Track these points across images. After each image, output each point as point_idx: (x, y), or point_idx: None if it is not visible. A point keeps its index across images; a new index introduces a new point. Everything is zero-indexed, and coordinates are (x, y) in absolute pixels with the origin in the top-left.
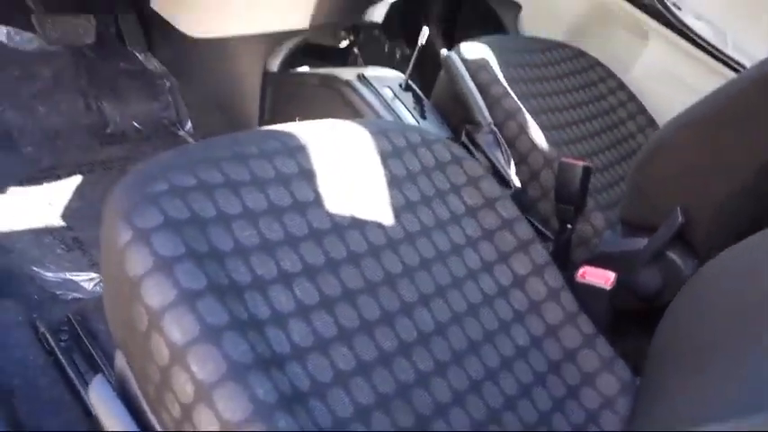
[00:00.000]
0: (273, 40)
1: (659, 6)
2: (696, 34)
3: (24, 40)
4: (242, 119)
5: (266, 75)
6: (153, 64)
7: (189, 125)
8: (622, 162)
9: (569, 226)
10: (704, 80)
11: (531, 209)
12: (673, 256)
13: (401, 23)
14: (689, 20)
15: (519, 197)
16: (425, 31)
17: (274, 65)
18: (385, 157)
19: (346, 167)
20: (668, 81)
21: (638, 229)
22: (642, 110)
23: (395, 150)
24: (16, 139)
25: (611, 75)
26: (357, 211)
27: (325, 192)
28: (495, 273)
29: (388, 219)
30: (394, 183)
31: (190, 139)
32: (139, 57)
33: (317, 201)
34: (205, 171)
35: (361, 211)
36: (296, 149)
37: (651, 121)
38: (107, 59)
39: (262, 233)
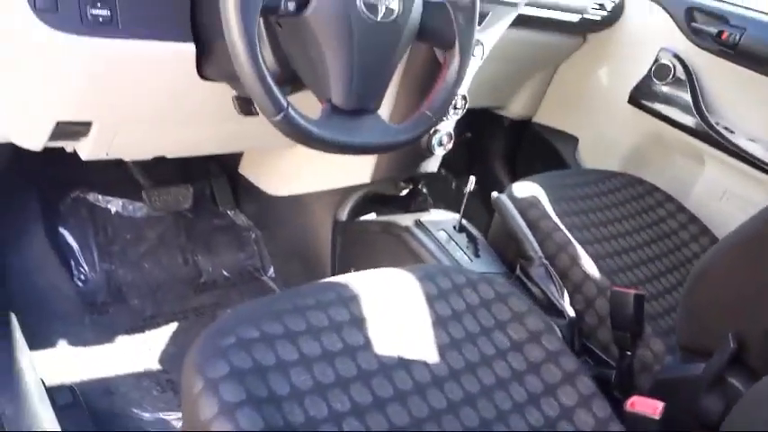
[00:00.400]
0: (342, 193)
1: (712, 132)
2: (750, 155)
3: (135, 209)
4: (317, 264)
5: (336, 224)
6: (240, 219)
7: (271, 271)
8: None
9: (629, 353)
10: (765, 197)
11: (591, 336)
12: (733, 380)
13: (467, 161)
14: (742, 142)
15: (578, 326)
16: (472, 180)
17: (343, 214)
18: (431, 300)
19: (394, 312)
20: (729, 200)
21: (695, 353)
22: (705, 230)
23: (440, 293)
24: (125, 293)
25: (670, 198)
26: (404, 352)
27: (374, 336)
28: (543, 406)
29: (433, 357)
30: (440, 323)
31: (272, 284)
32: (229, 213)
33: (367, 344)
34: (268, 324)
35: (407, 351)
36: (349, 299)
37: (715, 242)
38: (202, 218)
39: (315, 377)
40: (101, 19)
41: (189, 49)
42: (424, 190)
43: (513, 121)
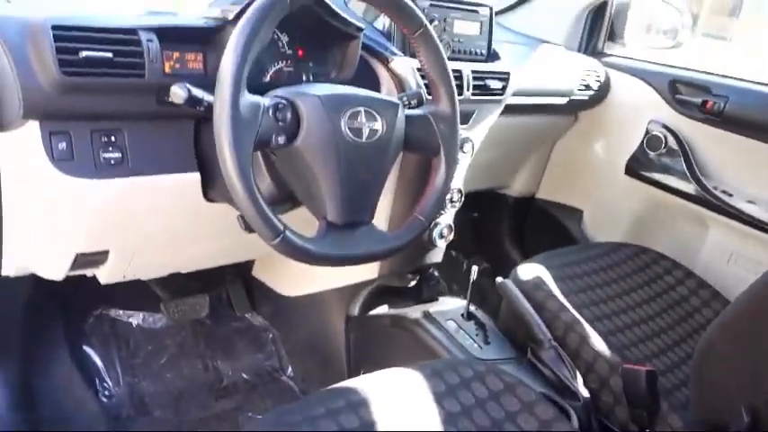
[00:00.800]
0: (352, 289)
1: (711, 198)
2: (752, 217)
3: (155, 321)
4: (333, 361)
5: (349, 320)
6: (258, 320)
7: (290, 370)
8: None
9: (647, 431)
10: None
11: (610, 415)
12: None
13: (475, 241)
14: (742, 204)
15: (594, 406)
16: (475, 270)
17: (355, 309)
18: (440, 398)
19: (404, 415)
20: (737, 263)
21: (711, 428)
22: (716, 294)
23: (449, 389)
24: (148, 404)
25: (678, 265)
26: None
27: None
28: None
29: None
30: (450, 421)
31: (291, 383)
32: (247, 316)
33: None
34: None
35: None
36: (358, 405)
37: (727, 304)
38: (220, 324)
39: None
40: (112, 161)
41: (194, 177)
42: (436, 273)
43: (516, 199)
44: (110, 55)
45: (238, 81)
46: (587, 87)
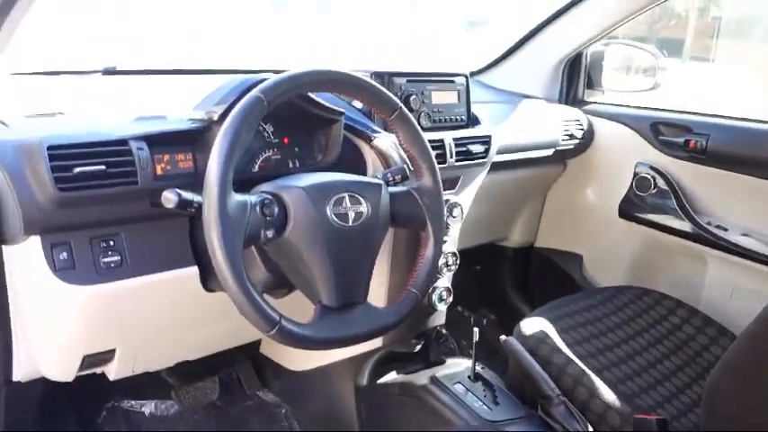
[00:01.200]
0: (359, 359)
1: (706, 234)
2: (748, 249)
3: (167, 408)
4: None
5: (358, 390)
6: (269, 397)
7: None
8: None
9: None
10: None
11: None
12: None
13: (480, 293)
14: (737, 238)
15: None
16: (476, 332)
17: (363, 379)
18: None
19: None
20: (740, 297)
21: None
22: (722, 330)
23: None
24: None
25: (681, 304)
26: None
27: None
28: None
29: None
30: None
31: None
32: (258, 394)
33: None
34: None
35: None
36: None
37: (734, 339)
38: (232, 404)
39: None
40: (112, 264)
41: (192, 271)
42: (444, 331)
43: (516, 250)
44: (103, 167)
45: (224, 184)
46: (571, 137)
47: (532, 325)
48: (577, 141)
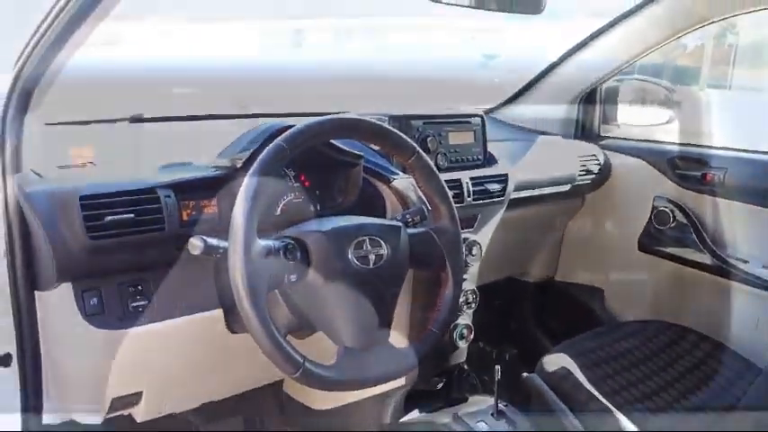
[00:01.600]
0: (381, 398)
1: (727, 267)
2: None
3: None
4: None
5: (381, 429)
6: None
7: None
8: None
9: None
10: None
11: None
12: None
13: (501, 328)
14: (759, 270)
15: None
16: (498, 369)
17: (386, 417)
18: None
19: None
20: (764, 327)
21: None
22: (749, 365)
23: None
24: None
25: (704, 338)
26: None
27: None
28: None
29: None
30: None
31: None
32: None
33: None
34: None
35: None
36: None
37: (759, 373)
38: None
39: None
40: (140, 309)
41: (218, 314)
42: (465, 366)
43: (536, 284)
44: (132, 215)
45: (249, 230)
46: (588, 172)
47: (555, 361)
48: (594, 176)
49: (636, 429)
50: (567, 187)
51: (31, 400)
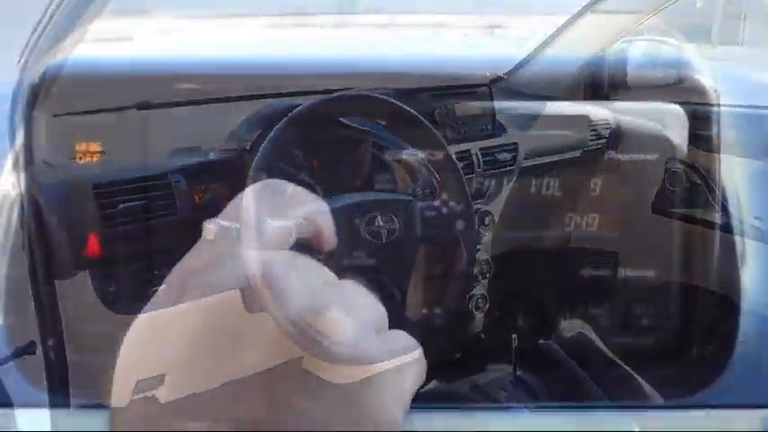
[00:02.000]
0: (401, 368)
1: (742, 226)
2: None
3: None
4: None
5: None
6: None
7: None
8: None
9: None
10: None
11: None
12: None
13: (517, 299)
14: None
15: None
16: (515, 338)
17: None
18: None
19: None
20: None
21: None
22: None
23: None
24: None
25: (720, 297)
26: None
27: None
28: None
29: None
30: None
31: None
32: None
33: None
34: None
35: None
36: None
37: None
38: None
39: None
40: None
41: (234, 294)
42: (483, 336)
43: (550, 251)
44: (144, 202)
45: (260, 210)
46: (599, 137)
47: (571, 328)
48: (605, 140)
49: (655, 393)
50: (578, 153)
51: (57, 385)
